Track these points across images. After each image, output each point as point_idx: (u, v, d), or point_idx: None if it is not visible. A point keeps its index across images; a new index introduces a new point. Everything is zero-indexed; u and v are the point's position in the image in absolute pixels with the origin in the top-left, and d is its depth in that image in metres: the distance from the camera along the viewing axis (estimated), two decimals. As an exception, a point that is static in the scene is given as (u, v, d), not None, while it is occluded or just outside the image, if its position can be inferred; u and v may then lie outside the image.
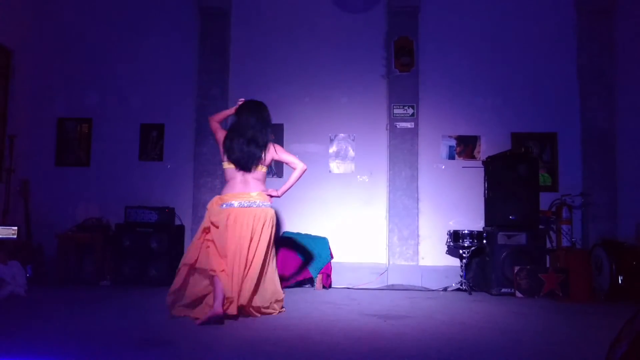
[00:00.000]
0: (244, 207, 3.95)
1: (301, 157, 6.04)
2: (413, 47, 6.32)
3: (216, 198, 4.08)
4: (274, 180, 6.42)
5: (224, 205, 3.97)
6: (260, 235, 3.94)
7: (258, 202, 4.00)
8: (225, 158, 4.08)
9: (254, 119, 4.10)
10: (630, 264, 5.15)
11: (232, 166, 4.06)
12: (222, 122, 4.39)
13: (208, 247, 3.93)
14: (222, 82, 6.52)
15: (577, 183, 6.18)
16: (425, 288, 5.90)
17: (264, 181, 4.17)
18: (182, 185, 6.43)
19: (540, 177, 5.93)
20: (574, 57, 6.34)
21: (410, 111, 6.29)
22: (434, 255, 6.20)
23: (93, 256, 5.97)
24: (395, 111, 6.30)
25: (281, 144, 6.44)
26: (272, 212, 4.08)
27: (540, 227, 5.73)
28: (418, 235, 6.21)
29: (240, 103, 4.25)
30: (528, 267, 5.33)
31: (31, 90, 6.63)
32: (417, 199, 6.24)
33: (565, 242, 5.79)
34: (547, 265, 5.65)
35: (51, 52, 6.72)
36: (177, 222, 6.23)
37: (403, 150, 6.27)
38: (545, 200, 5.91)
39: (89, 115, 6.64)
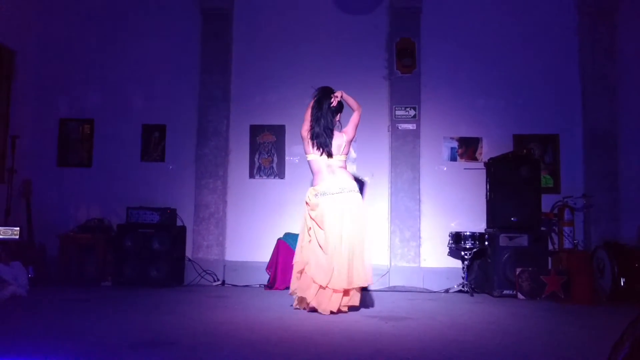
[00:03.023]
0: (335, 194, 4.28)
1: (302, 158, 6.12)
2: (415, 49, 6.32)
3: (310, 189, 4.41)
4: (276, 181, 6.43)
5: (318, 196, 4.30)
6: (352, 219, 4.23)
7: (347, 187, 4.31)
8: (310, 148, 4.40)
9: (325, 102, 4.51)
10: (632, 266, 5.15)
11: (316, 155, 4.38)
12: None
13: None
14: (224, 83, 6.52)
15: (579, 185, 6.15)
16: (426, 290, 5.89)
17: (346, 167, 4.51)
18: (184, 186, 6.43)
19: (542, 179, 5.91)
20: (575, 58, 6.33)
21: (412, 113, 6.28)
22: (435, 257, 6.18)
23: (94, 257, 5.98)
24: (397, 113, 6.30)
25: (283, 145, 6.46)
26: (359, 196, 4.38)
27: (542, 228, 5.72)
28: (420, 237, 6.20)
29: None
30: (530, 269, 5.32)
31: (33, 90, 6.64)
32: (419, 201, 6.23)
33: (567, 244, 5.77)
34: (549, 267, 5.62)
35: (53, 53, 6.72)
36: (179, 223, 6.23)
37: (405, 151, 6.27)
38: (547, 202, 5.89)
39: (91, 116, 6.65)
